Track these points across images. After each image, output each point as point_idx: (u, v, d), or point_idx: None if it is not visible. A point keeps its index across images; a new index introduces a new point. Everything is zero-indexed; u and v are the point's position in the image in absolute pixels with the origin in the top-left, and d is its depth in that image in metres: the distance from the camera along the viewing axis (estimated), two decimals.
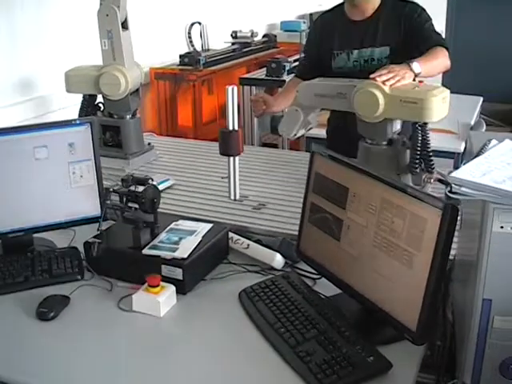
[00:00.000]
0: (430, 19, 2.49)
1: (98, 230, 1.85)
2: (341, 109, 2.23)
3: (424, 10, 2.52)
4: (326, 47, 2.64)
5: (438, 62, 2.31)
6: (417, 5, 2.53)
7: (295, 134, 2.37)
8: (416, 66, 2.14)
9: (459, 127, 3.49)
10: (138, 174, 1.99)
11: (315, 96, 2.21)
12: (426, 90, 1.99)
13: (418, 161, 2.04)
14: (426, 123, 2.02)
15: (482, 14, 6.70)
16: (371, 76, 2.06)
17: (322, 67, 2.61)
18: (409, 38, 2.43)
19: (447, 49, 2.37)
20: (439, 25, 2.69)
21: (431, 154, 2.04)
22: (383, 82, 2.03)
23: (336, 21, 2.68)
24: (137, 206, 1.84)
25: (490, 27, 6.65)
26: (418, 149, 2.04)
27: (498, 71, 6.67)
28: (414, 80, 2.13)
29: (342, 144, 2.19)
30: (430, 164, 2.04)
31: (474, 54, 6.68)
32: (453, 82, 2.50)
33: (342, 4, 2.63)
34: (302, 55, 2.90)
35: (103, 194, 1.88)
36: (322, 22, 2.77)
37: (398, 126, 2.11)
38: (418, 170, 2.05)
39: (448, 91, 2.02)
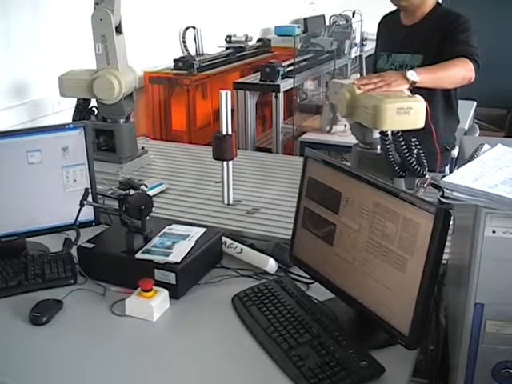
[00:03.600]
0: (468, 31, 2.46)
1: (73, 229, 1.85)
2: None
3: (468, 22, 2.49)
4: (378, 47, 2.71)
5: (450, 72, 2.27)
6: (463, 16, 2.52)
7: (330, 129, 2.45)
8: (411, 74, 2.11)
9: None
10: (132, 179, 1.99)
11: (335, 94, 2.25)
12: (383, 98, 1.96)
13: (395, 166, 2.03)
14: (398, 131, 1.99)
15: (474, 19, 6.73)
16: (355, 79, 2.09)
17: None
18: (442, 47, 2.43)
19: (475, 61, 2.32)
20: None
21: (412, 159, 2.02)
22: (359, 86, 2.03)
23: (390, 23, 2.75)
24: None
25: (484, 32, 6.67)
26: (390, 155, 2.02)
27: (491, 76, 6.69)
28: (410, 88, 2.11)
29: None
30: (415, 169, 2.03)
31: None
32: None
33: None
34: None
35: (86, 194, 1.87)
36: (380, 23, 2.88)
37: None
38: (403, 174, 2.05)
39: (418, 103, 1.96)
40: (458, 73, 2.29)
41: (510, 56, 6.77)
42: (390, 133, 2.00)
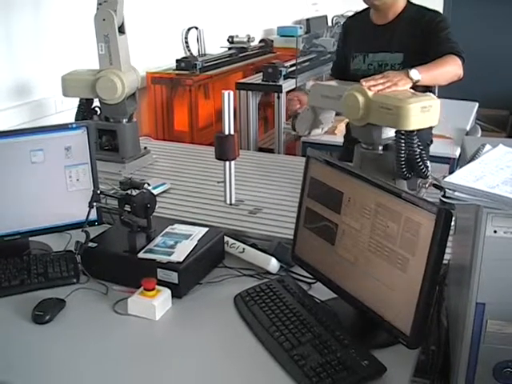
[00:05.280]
0: (447, 28, 2.47)
1: (82, 230, 1.85)
2: (340, 110, 2.26)
3: (445, 19, 2.50)
4: (348, 48, 2.70)
5: (445, 70, 2.29)
6: (439, 14, 2.53)
7: (309, 133, 2.44)
8: (414, 73, 2.12)
9: (455, 133, 3.51)
10: (134, 178, 1.99)
11: (322, 97, 2.24)
12: (405, 98, 1.97)
13: (403, 167, 2.04)
14: (412, 130, 2.00)
15: (477, 19, 6.73)
16: (361, 80, 2.08)
17: (347, 68, 2.66)
18: (423, 46, 2.44)
19: (461, 58, 2.35)
20: None
21: (420, 160, 2.03)
22: (369, 87, 2.04)
23: (360, 23, 2.73)
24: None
25: (486, 33, 6.68)
26: (402, 155, 2.03)
27: (493, 77, 6.70)
28: (412, 87, 2.12)
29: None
30: (421, 170, 2.03)
31: (469, 59, 6.70)
32: (449, 87, 2.50)
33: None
34: (335, 56, 2.98)
35: (94, 196, 1.87)
36: (348, 24, 2.86)
37: (390, 132, 2.10)
38: (408, 175, 2.05)
39: (435, 101, 1.99)
40: (452, 69, 2.32)
41: None
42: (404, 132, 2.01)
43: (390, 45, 2.55)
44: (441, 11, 2.65)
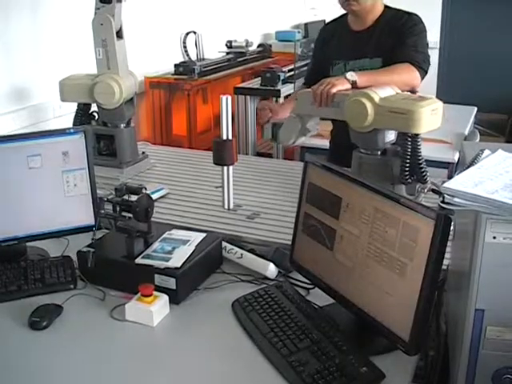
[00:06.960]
0: (419, 34, 2.45)
1: (92, 239, 1.85)
2: (335, 118, 2.25)
3: (419, 24, 2.47)
4: (327, 56, 2.68)
5: (392, 77, 2.27)
6: (415, 18, 2.50)
7: (294, 142, 2.38)
8: (350, 74, 2.18)
9: (453, 137, 3.50)
10: (131, 183, 1.99)
11: (312, 105, 2.22)
12: (414, 101, 1.97)
13: (408, 171, 2.03)
14: (417, 134, 2.00)
15: (476, 21, 6.73)
16: (312, 96, 2.17)
17: (325, 75, 2.64)
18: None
19: (419, 68, 2.34)
20: (433, 36, 2.65)
21: (422, 164, 2.03)
22: (319, 101, 2.14)
23: (338, 30, 2.70)
24: (130, 215, 1.84)
25: (484, 35, 6.68)
26: (408, 159, 2.03)
27: (492, 81, 6.70)
28: (352, 87, 2.16)
29: (344, 155, 2.20)
30: (422, 174, 2.03)
31: (468, 64, 6.71)
32: (447, 92, 2.50)
33: (347, 14, 2.63)
34: (310, 64, 2.95)
35: (97, 203, 1.87)
36: (325, 31, 2.82)
37: (391, 136, 2.10)
38: (409, 180, 2.05)
39: (440, 103, 2.00)
40: (401, 78, 2.29)
41: (511, 61, 6.77)
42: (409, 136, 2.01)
43: (368, 50, 2.53)
44: (439, 13, 2.63)
